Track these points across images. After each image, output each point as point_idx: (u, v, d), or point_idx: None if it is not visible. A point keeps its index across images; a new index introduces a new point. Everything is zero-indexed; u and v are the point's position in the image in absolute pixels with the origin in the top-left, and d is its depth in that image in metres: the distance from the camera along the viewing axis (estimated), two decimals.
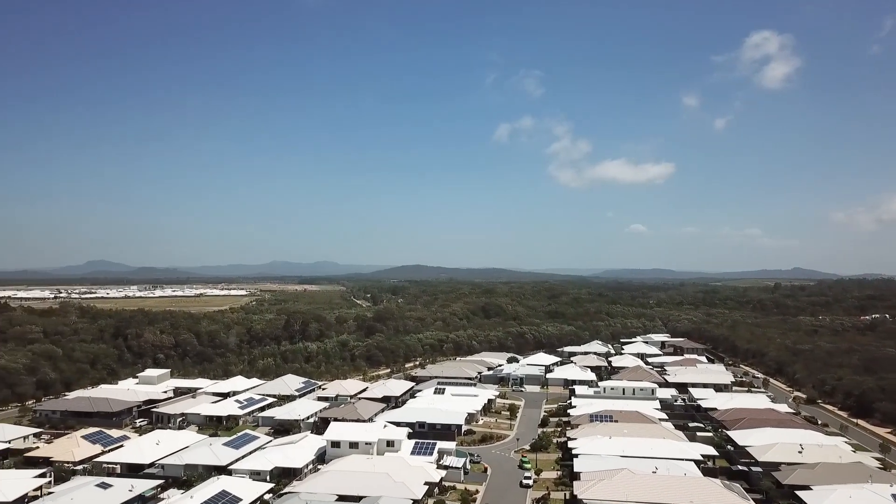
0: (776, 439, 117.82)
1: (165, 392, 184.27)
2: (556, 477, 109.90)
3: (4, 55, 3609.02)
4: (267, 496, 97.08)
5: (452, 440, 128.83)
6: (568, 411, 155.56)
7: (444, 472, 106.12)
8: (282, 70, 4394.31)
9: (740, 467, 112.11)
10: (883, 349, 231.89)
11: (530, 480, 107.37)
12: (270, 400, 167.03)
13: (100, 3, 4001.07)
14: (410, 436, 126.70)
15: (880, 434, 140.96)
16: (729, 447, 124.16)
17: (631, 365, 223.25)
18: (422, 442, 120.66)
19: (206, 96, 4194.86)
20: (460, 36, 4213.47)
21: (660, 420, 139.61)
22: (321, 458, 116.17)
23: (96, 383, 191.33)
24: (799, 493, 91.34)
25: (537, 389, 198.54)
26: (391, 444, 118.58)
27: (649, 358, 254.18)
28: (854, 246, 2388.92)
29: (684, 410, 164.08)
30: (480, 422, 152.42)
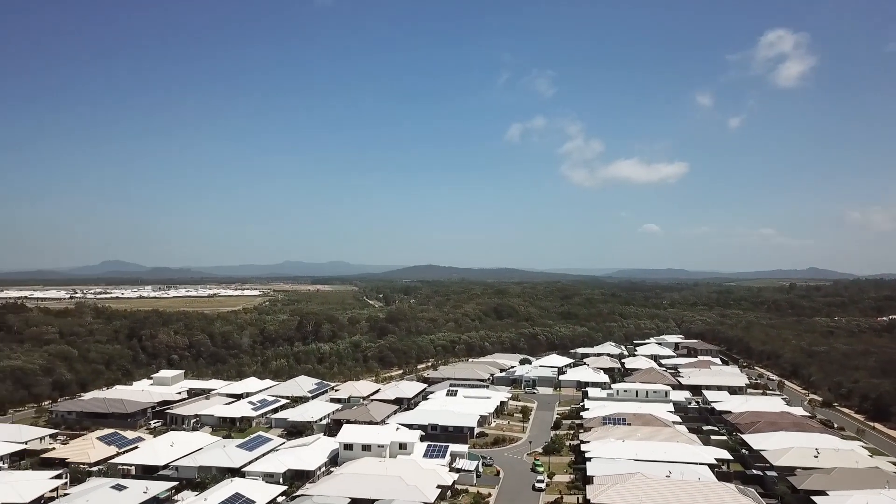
0: (791, 443, 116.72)
1: (179, 393, 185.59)
2: (569, 480, 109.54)
3: (4, 55, 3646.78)
4: (280, 499, 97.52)
5: (465, 443, 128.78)
6: (581, 414, 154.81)
7: (457, 475, 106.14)
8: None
9: (755, 472, 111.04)
10: None
11: (543, 484, 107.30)
12: (283, 401, 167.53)
13: (100, 3, 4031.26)
14: (423, 438, 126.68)
15: None
16: (743, 451, 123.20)
17: (644, 367, 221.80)
18: (434, 444, 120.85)
19: (214, 96, 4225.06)
20: (474, 36, 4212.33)
21: (673, 423, 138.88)
22: (334, 461, 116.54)
23: (111, 384, 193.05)
24: (815, 499, 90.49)
25: (550, 391, 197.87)
26: (403, 447, 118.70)
27: (663, 360, 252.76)
28: (870, 245, 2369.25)
29: (698, 413, 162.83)
30: (493, 424, 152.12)
